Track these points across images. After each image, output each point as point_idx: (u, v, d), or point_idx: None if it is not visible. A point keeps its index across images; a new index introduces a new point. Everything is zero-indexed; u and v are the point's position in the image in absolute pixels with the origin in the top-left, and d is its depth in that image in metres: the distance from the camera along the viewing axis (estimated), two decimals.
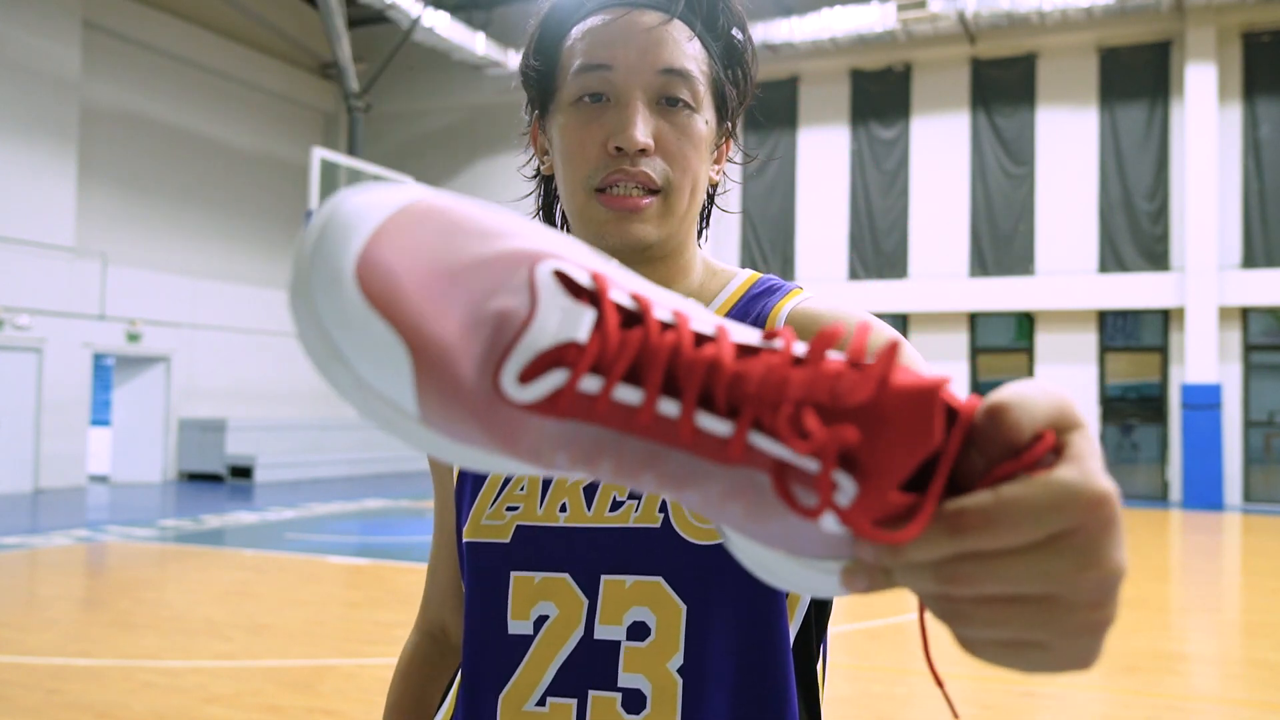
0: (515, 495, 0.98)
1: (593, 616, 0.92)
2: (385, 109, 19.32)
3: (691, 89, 0.95)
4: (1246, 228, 15.12)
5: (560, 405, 0.43)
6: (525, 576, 0.95)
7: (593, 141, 0.94)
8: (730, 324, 0.46)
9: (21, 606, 7.32)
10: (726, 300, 1.02)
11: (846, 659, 5.73)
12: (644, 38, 0.94)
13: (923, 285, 16.43)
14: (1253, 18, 15.10)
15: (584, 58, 0.95)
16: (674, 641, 0.91)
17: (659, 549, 0.92)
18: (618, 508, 0.94)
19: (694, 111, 0.95)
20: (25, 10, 14.77)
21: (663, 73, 0.94)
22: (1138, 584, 8.65)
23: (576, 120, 0.95)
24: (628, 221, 0.94)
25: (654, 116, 0.94)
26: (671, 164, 0.94)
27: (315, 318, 0.42)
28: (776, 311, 0.98)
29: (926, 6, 15.25)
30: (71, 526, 11.05)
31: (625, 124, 0.92)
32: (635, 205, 0.93)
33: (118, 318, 15.88)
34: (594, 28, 0.96)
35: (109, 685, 4.98)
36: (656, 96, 0.94)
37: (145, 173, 16.97)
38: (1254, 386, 15.01)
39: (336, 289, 0.42)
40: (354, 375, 0.43)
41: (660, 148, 0.94)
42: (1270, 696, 5.22)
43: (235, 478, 16.86)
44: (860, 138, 17.09)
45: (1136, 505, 14.91)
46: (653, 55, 0.94)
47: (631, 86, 0.93)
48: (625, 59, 0.93)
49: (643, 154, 0.93)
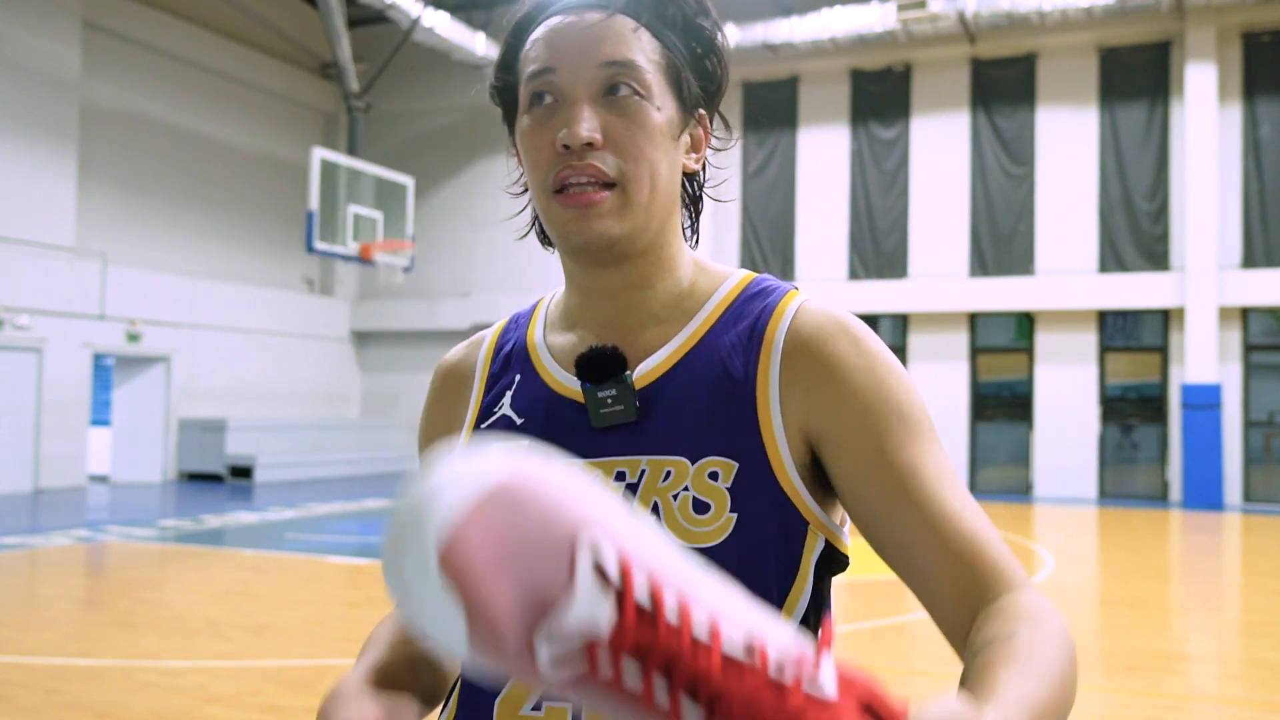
0: None
1: None
2: (385, 109, 19.31)
3: (637, 78, 0.94)
4: (1246, 228, 15.12)
5: (577, 681, 0.55)
6: None
7: (545, 143, 0.95)
8: (724, 624, 0.56)
9: (21, 606, 7.33)
10: (721, 301, 1.01)
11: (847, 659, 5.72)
12: (583, 35, 0.95)
13: (923, 285, 16.43)
14: (1253, 18, 15.10)
15: (532, 64, 0.97)
16: None
17: None
18: None
19: (643, 99, 0.95)
20: (25, 10, 14.77)
21: (603, 66, 0.94)
22: (1138, 584, 8.65)
23: (532, 124, 0.97)
24: (586, 218, 0.94)
25: (601, 110, 0.94)
26: (623, 155, 0.94)
27: (400, 578, 0.55)
28: (777, 316, 0.98)
29: (926, 6, 15.25)
30: (71, 526, 11.05)
31: (569, 120, 0.93)
32: (589, 200, 0.94)
33: (118, 318, 15.88)
34: (539, 36, 0.97)
35: (109, 685, 4.98)
36: (601, 90, 0.94)
37: (145, 173, 16.97)
38: (1254, 386, 15.02)
39: (422, 565, 0.54)
40: (421, 621, 0.56)
41: (609, 140, 0.94)
42: (1270, 696, 5.22)
43: (235, 478, 16.87)
44: (860, 138, 17.09)
45: (1136, 505, 14.92)
46: (593, 51, 0.94)
47: (574, 84, 0.94)
48: (566, 59, 0.95)
49: (590, 148, 0.93)
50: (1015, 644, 0.77)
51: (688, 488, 0.92)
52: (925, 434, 0.93)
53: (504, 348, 1.09)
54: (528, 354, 1.06)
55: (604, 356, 0.97)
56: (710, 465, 0.93)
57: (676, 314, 1.02)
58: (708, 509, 0.92)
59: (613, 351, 0.98)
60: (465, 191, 19.72)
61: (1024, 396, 16.24)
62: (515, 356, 1.07)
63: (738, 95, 17.66)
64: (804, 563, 0.94)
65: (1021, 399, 16.26)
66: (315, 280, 20.42)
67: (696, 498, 0.92)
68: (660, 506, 0.92)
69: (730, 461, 0.93)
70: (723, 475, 0.93)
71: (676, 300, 1.02)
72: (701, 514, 0.92)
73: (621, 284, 1.01)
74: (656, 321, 1.01)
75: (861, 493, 0.92)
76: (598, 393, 0.97)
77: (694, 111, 1.01)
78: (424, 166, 19.16)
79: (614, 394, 0.96)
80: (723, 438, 0.94)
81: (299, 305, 19.48)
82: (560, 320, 1.07)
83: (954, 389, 16.39)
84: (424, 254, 18.46)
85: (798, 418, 0.95)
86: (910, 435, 0.92)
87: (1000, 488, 16.18)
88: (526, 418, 1.01)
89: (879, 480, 0.91)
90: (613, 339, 1.01)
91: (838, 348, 0.95)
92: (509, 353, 1.08)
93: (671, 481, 0.93)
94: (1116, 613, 7.41)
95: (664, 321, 1.01)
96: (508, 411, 1.03)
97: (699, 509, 0.92)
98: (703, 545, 0.90)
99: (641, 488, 0.93)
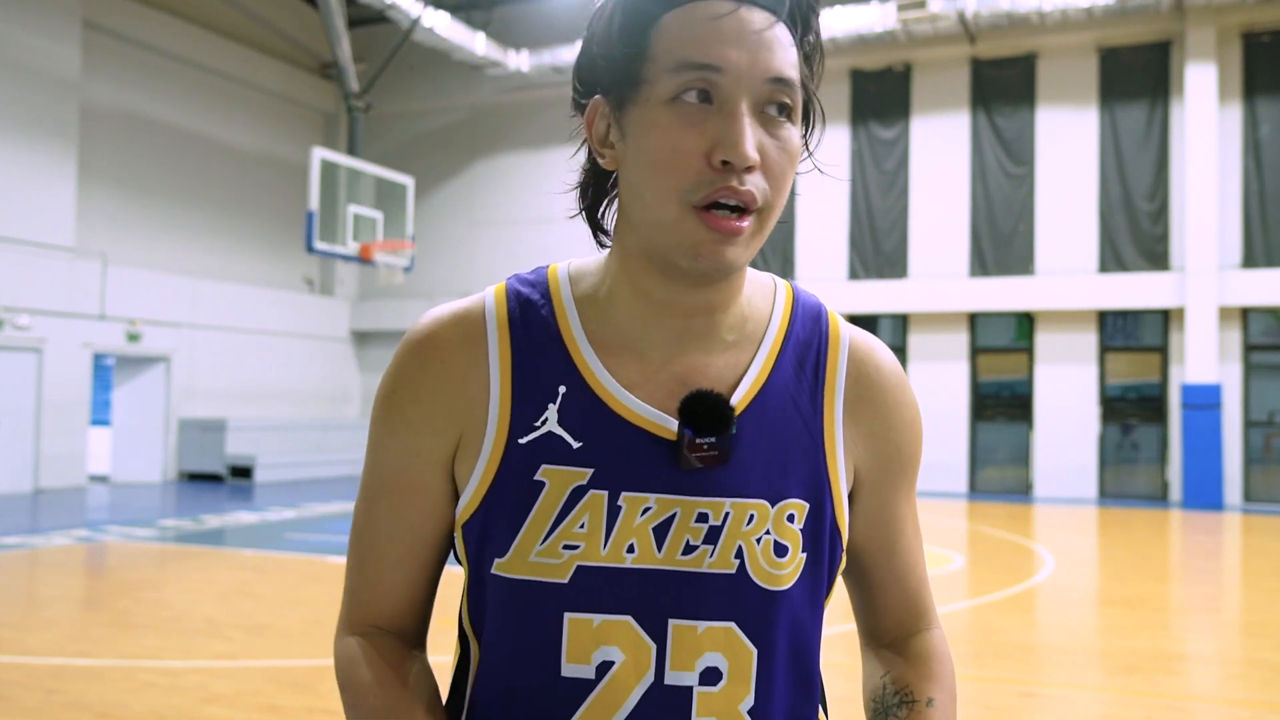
0: (574, 534, 0.91)
1: (663, 662, 0.90)
2: (385, 109, 19.32)
3: (794, 99, 0.88)
4: (1246, 228, 15.12)
5: None
6: (583, 619, 0.90)
7: (694, 150, 0.85)
8: None
9: (21, 606, 7.33)
10: (780, 324, 0.99)
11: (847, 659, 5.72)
12: (755, 40, 0.86)
13: (923, 285, 16.43)
14: (1253, 18, 15.10)
15: (689, 53, 0.85)
16: (745, 684, 0.92)
17: (734, 595, 0.91)
18: (691, 551, 0.91)
19: (793, 125, 0.89)
20: (25, 10, 14.77)
21: (771, 81, 0.86)
22: (1138, 584, 8.65)
23: (674, 121, 0.86)
24: (725, 244, 0.87)
25: (758, 128, 0.87)
26: (772, 182, 0.88)
27: None
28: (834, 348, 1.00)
29: (926, 6, 15.25)
30: (71, 526, 11.05)
31: (737, 137, 0.84)
32: (734, 229, 0.87)
33: (118, 318, 15.88)
34: (699, 21, 0.86)
35: (109, 685, 4.98)
36: (761, 105, 0.87)
37: (145, 173, 16.97)
38: (1254, 386, 15.02)
39: None
40: None
41: (764, 164, 0.87)
42: (1270, 696, 5.21)
43: (235, 478, 16.87)
44: (860, 138, 17.09)
45: (1136, 505, 14.92)
46: (764, 60, 0.86)
47: (740, 93, 0.85)
48: (736, 62, 0.85)
49: (749, 171, 0.86)
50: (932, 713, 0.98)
51: (769, 531, 0.92)
52: (915, 482, 1.05)
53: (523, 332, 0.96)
54: (572, 361, 0.94)
55: (712, 405, 0.92)
56: (788, 508, 0.94)
57: (742, 339, 0.97)
58: (786, 552, 0.93)
59: (721, 402, 0.92)
60: (465, 191, 19.72)
61: (1024, 396, 16.24)
62: (551, 357, 0.95)
63: None
64: (834, 585, 1.00)
65: (1021, 399, 16.26)
66: (315, 280, 20.42)
67: (777, 541, 0.93)
68: (745, 551, 0.92)
69: (803, 503, 0.95)
70: (798, 517, 0.94)
71: (741, 323, 0.98)
72: (781, 557, 0.93)
73: (702, 305, 0.94)
74: (724, 347, 0.96)
75: (861, 530, 1.03)
76: (696, 439, 0.91)
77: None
78: (424, 166, 19.16)
79: (712, 442, 0.91)
80: (797, 479, 0.95)
81: (299, 305, 19.48)
82: (604, 325, 0.96)
83: (954, 389, 16.39)
84: (424, 254, 18.48)
85: (854, 457, 0.99)
86: (911, 488, 1.04)
87: (1000, 488, 16.18)
88: (585, 441, 0.92)
89: (880, 528, 1.03)
90: (682, 363, 0.95)
91: (897, 398, 1.01)
92: (539, 347, 0.95)
93: (755, 525, 0.92)
94: (1116, 613, 7.41)
95: (731, 347, 0.96)
96: (556, 429, 0.92)
97: (779, 552, 0.93)
98: (780, 588, 0.92)
99: (726, 530, 0.92)
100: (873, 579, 1.04)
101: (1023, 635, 6.64)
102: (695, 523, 0.91)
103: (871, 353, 1.01)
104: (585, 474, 0.91)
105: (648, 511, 0.91)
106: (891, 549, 1.03)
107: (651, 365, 0.94)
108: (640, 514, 0.91)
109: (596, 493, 0.91)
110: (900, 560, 1.04)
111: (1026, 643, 6.43)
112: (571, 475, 0.92)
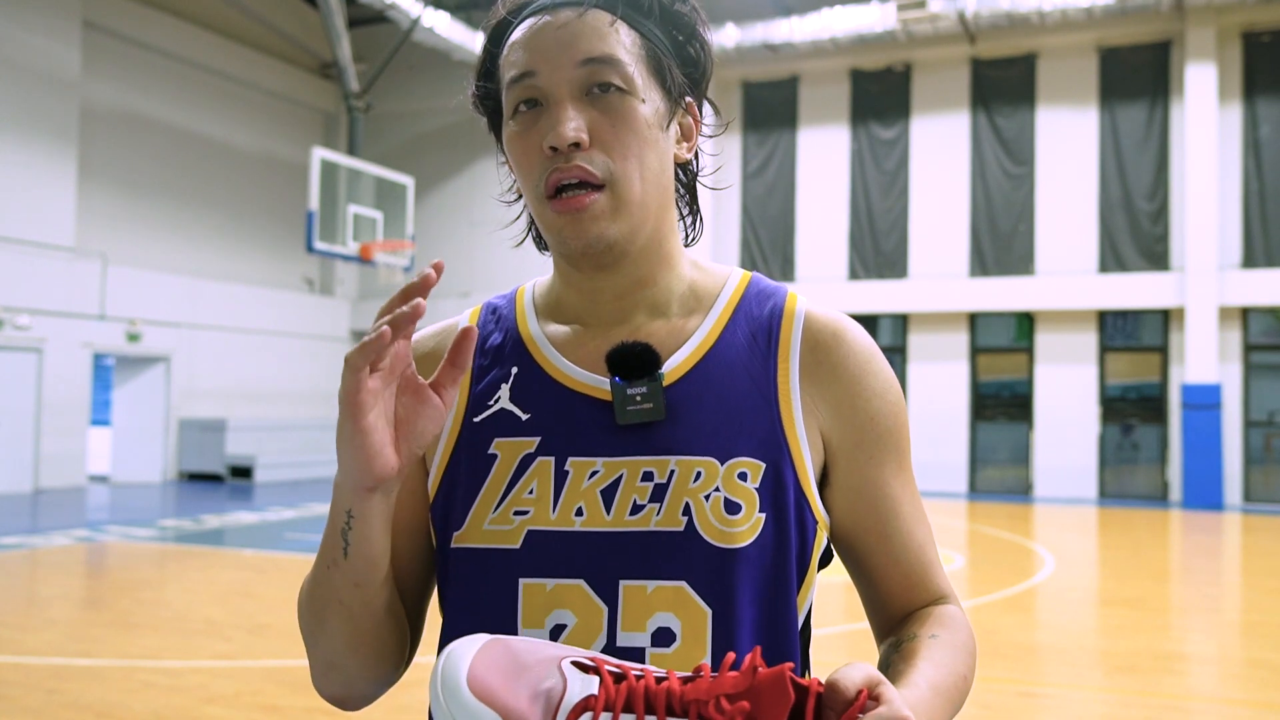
0: (523, 499, 0.94)
1: (614, 624, 0.91)
2: (385, 109, 19.31)
3: (620, 73, 0.93)
4: (1246, 228, 15.12)
5: None
6: (536, 583, 0.92)
7: (532, 148, 0.94)
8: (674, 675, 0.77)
9: (21, 606, 7.33)
10: (730, 299, 1.02)
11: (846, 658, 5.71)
12: (560, 35, 0.93)
13: (923, 285, 16.43)
14: (1253, 18, 15.10)
15: (511, 71, 0.96)
16: (700, 646, 0.91)
17: (683, 553, 0.91)
18: (638, 511, 0.92)
19: (626, 94, 0.94)
20: (25, 10, 14.77)
21: (583, 63, 0.93)
22: (1138, 584, 8.66)
23: (518, 130, 0.96)
24: (580, 223, 0.93)
25: (586, 109, 0.93)
26: (610, 153, 0.93)
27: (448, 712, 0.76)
28: (788, 318, 1.00)
29: (926, 6, 15.25)
30: (71, 526, 11.05)
31: (554, 122, 0.92)
32: (580, 204, 0.92)
33: (118, 318, 15.88)
34: (516, 39, 0.96)
35: (109, 685, 4.98)
36: (584, 89, 0.93)
37: (145, 173, 16.97)
38: (1254, 386, 15.02)
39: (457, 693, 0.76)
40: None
41: (596, 139, 0.93)
42: (1270, 696, 5.22)
43: (235, 478, 16.87)
44: (860, 138, 17.09)
45: (1136, 505, 14.92)
46: (571, 49, 0.93)
47: (556, 85, 0.93)
48: (545, 60, 0.93)
49: (577, 148, 0.92)
50: (935, 643, 0.94)
51: (719, 488, 0.92)
52: (908, 460, 1.03)
53: (488, 339, 1.04)
54: (524, 346, 1.02)
55: (637, 353, 0.95)
56: (739, 466, 0.93)
57: (684, 311, 1.00)
58: (739, 509, 0.92)
59: (645, 348, 0.96)
60: (465, 191, 19.71)
61: (1024, 396, 16.24)
62: (507, 349, 1.02)
63: (738, 95, 17.67)
64: (813, 560, 0.98)
65: (1021, 399, 16.26)
66: (315, 280, 20.42)
67: (728, 498, 0.92)
68: (692, 507, 0.92)
69: (758, 462, 0.94)
70: (751, 476, 0.93)
71: (681, 297, 1.01)
72: (733, 514, 0.92)
73: (625, 284, 0.99)
74: (665, 319, 1.00)
75: (846, 510, 0.99)
76: (627, 389, 0.94)
77: (681, 100, 1.00)
78: (424, 166, 19.16)
79: (644, 392, 0.94)
80: (750, 438, 0.94)
81: (299, 305, 19.48)
82: (555, 316, 1.03)
83: (954, 389, 16.38)
84: (424, 254, 18.47)
85: (818, 423, 0.98)
86: (900, 467, 1.01)
87: (1000, 488, 16.18)
88: (532, 413, 0.97)
89: (866, 507, 0.99)
90: (622, 331, 0.99)
91: (861, 365, 1.00)
92: (498, 345, 1.03)
93: (702, 482, 0.92)
94: (1116, 613, 7.41)
95: (673, 318, 1.00)
96: (507, 405, 0.99)
97: (730, 509, 0.92)
98: (735, 545, 0.91)
99: (671, 488, 0.92)
100: (870, 564, 1.01)
101: (1023, 635, 6.64)
102: (641, 482, 0.93)
103: (831, 323, 1.00)
104: (533, 442, 0.96)
105: (595, 475, 0.94)
106: (885, 531, 1.00)
107: (595, 339, 1.00)
108: (588, 477, 0.94)
109: (544, 459, 0.95)
110: (897, 544, 1.00)
111: (1026, 643, 6.43)
112: (520, 445, 0.97)
